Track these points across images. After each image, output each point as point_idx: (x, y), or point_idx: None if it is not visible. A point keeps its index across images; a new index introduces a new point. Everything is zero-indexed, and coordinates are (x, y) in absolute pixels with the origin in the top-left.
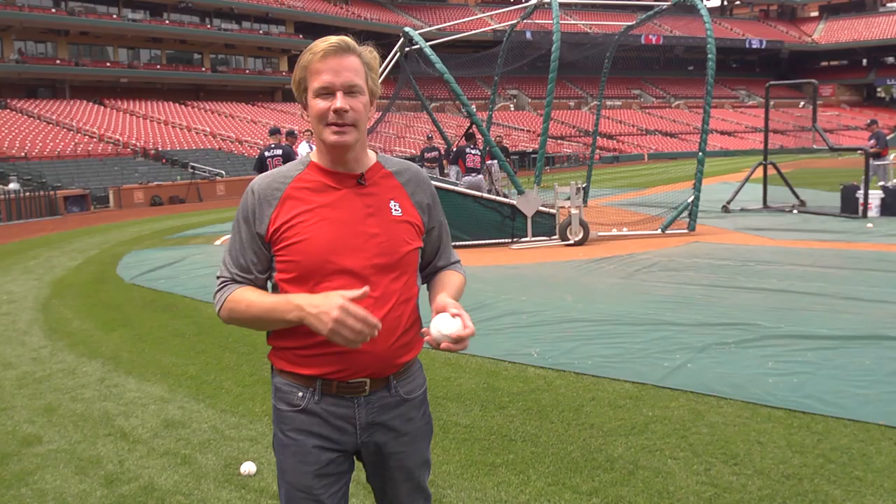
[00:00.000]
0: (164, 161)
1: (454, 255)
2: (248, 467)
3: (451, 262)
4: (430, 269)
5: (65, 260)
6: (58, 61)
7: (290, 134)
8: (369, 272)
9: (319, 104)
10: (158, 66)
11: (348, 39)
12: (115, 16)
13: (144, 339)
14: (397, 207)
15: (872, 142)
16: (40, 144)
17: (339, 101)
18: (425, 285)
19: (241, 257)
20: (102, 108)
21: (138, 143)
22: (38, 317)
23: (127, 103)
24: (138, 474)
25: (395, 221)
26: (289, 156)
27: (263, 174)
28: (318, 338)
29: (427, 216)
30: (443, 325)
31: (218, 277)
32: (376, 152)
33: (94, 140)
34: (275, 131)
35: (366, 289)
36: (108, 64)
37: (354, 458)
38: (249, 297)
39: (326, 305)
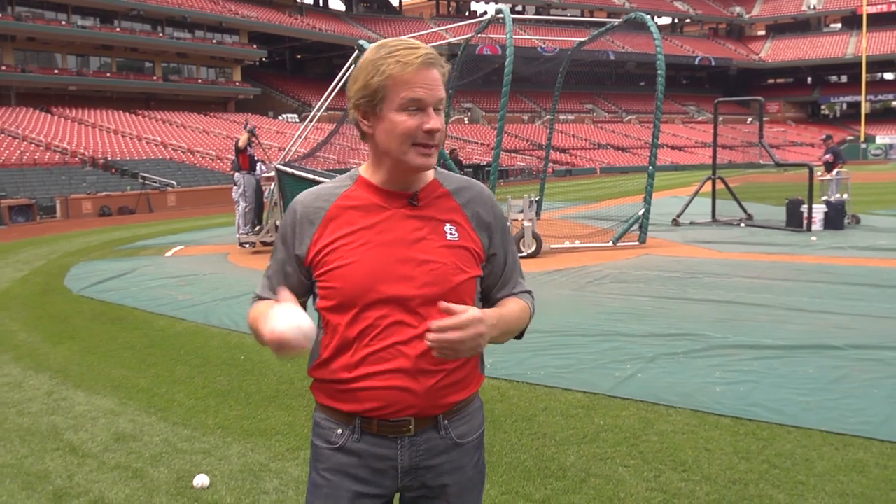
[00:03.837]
0: (113, 171)
1: (522, 285)
2: (200, 480)
3: (515, 292)
4: (489, 302)
5: (10, 271)
6: (3, 67)
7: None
8: (417, 302)
9: (407, 121)
10: (108, 74)
11: (434, 51)
12: (63, 22)
13: (93, 351)
14: (453, 231)
15: (829, 156)
16: None
17: (434, 121)
18: None
19: (272, 279)
20: (50, 115)
21: (87, 153)
22: None
23: (75, 111)
24: (88, 489)
25: (450, 247)
26: None
27: (308, 190)
28: (356, 372)
29: (488, 240)
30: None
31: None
32: (435, 168)
33: (41, 149)
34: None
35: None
36: (56, 71)
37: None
38: (258, 309)
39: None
